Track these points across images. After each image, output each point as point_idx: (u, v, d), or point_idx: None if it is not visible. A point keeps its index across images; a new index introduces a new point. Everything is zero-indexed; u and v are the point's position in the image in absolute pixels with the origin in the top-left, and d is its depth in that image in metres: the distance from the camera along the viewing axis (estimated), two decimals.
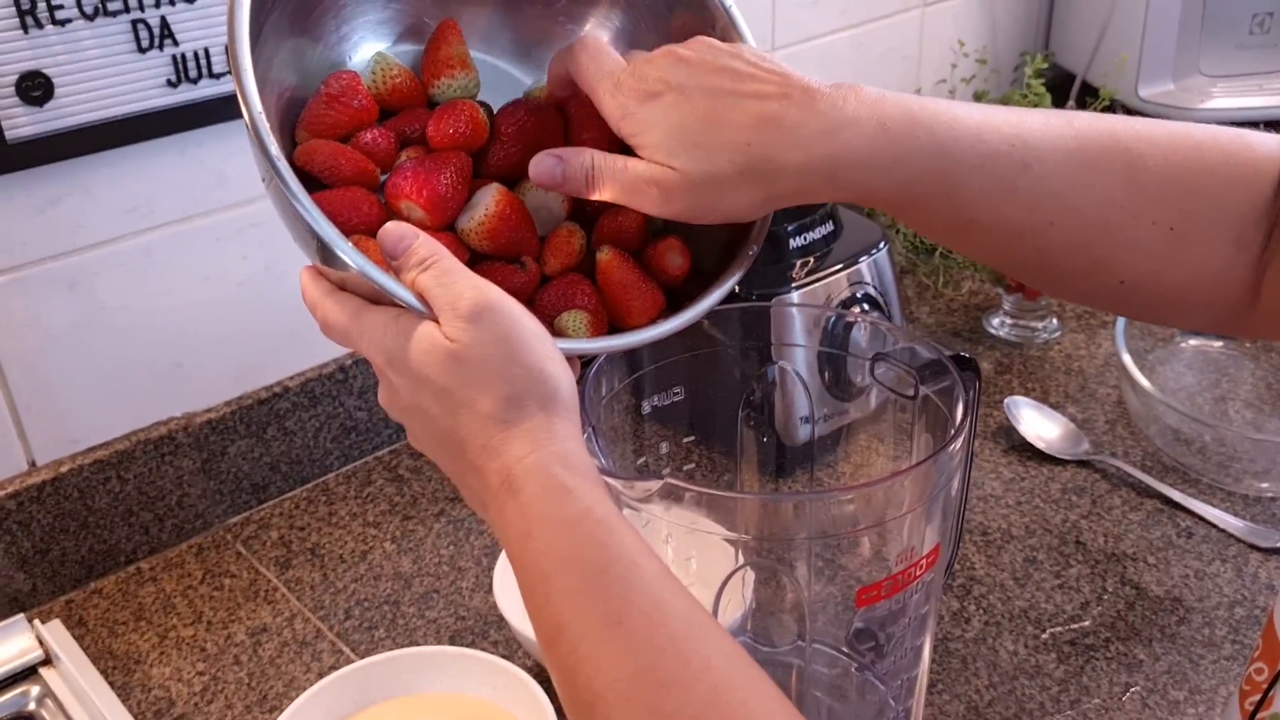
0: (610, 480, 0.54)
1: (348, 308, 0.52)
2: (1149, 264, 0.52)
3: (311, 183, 0.57)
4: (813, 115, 0.51)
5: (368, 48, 0.61)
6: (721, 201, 0.53)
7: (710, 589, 0.63)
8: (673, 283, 0.60)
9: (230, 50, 0.50)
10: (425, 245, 0.50)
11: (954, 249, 0.59)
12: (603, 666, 0.42)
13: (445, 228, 0.57)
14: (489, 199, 0.57)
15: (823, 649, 0.69)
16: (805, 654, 0.66)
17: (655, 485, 0.53)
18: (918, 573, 0.58)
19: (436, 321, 0.49)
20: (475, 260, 0.58)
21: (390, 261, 0.50)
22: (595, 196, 0.55)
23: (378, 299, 0.51)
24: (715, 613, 0.62)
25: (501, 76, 0.65)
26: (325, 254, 0.50)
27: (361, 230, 0.55)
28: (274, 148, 0.50)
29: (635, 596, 0.43)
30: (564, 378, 0.49)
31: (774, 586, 0.69)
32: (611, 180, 0.54)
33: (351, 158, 0.57)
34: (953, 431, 0.58)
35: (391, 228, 0.51)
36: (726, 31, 0.60)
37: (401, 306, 0.50)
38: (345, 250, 0.49)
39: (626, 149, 0.55)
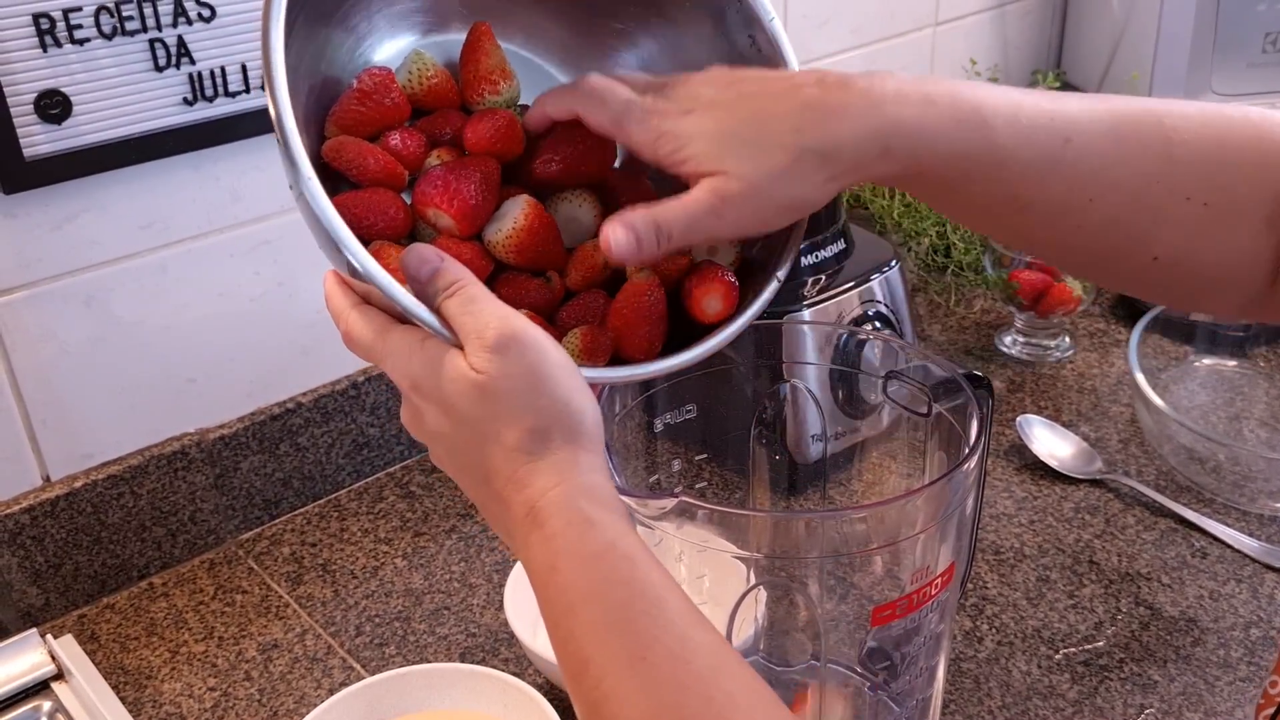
0: (624, 498, 0.54)
1: (373, 325, 0.51)
2: (1183, 240, 0.52)
3: (337, 178, 0.57)
4: (854, 94, 0.51)
5: (397, 39, 0.60)
6: (786, 193, 0.51)
7: (722, 607, 0.62)
8: (704, 321, 0.58)
9: (264, 60, 0.49)
10: (450, 270, 0.50)
11: (993, 233, 0.58)
12: (628, 702, 0.42)
13: (472, 236, 0.57)
14: (518, 211, 0.56)
15: (836, 669, 0.68)
16: (820, 674, 0.66)
17: (670, 503, 0.53)
18: (933, 591, 0.58)
19: (461, 349, 0.48)
20: (500, 271, 0.58)
21: (413, 285, 0.50)
22: (670, 248, 0.53)
23: (404, 317, 0.50)
24: (729, 633, 0.62)
25: (540, 75, 0.64)
26: (353, 271, 0.50)
27: (387, 235, 0.55)
28: (306, 167, 0.49)
29: (660, 632, 0.43)
30: (589, 409, 0.49)
31: (786, 605, 0.69)
32: (676, 221, 0.52)
33: (379, 158, 0.56)
34: (967, 450, 0.58)
35: (416, 249, 0.50)
36: (769, 45, 0.60)
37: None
38: (375, 274, 0.49)
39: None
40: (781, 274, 0.58)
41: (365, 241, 0.54)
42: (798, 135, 0.50)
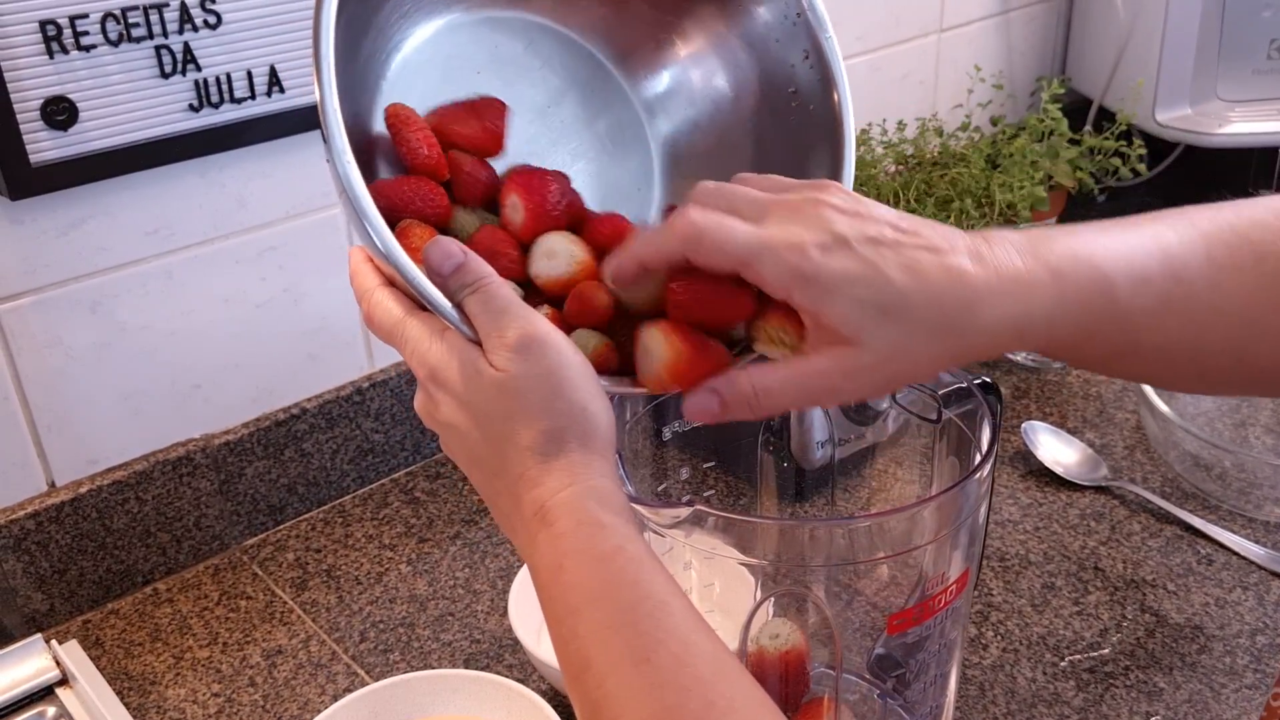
0: (638, 507, 0.54)
1: (395, 309, 0.51)
2: None
3: (375, 162, 0.57)
4: (990, 272, 0.48)
5: (439, 17, 0.60)
6: (911, 371, 0.49)
7: (730, 615, 0.62)
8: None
9: (314, 32, 0.49)
10: (474, 266, 0.50)
11: (1112, 374, 0.57)
12: (628, 704, 0.42)
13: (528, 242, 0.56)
14: (578, 259, 0.55)
15: (847, 677, 0.68)
16: (835, 682, 0.65)
17: (685, 512, 0.53)
18: (948, 598, 0.58)
19: (479, 345, 0.48)
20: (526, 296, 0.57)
21: (435, 278, 0.50)
22: (762, 418, 0.51)
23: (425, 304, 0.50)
24: (744, 642, 0.62)
25: (586, 59, 0.64)
26: (378, 252, 0.49)
27: (425, 220, 0.55)
28: (340, 140, 0.48)
29: (663, 635, 0.43)
30: (604, 415, 0.49)
31: (795, 613, 0.69)
32: (782, 394, 0.50)
33: (433, 149, 0.56)
34: (979, 457, 0.58)
35: (440, 242, 0.50)
36: (821, 59, 0.59)
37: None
38: (401, 262, 0.48)
39: None
40: None
41: (395, 222, 0.53)
42: (944, 317, 0.48)
